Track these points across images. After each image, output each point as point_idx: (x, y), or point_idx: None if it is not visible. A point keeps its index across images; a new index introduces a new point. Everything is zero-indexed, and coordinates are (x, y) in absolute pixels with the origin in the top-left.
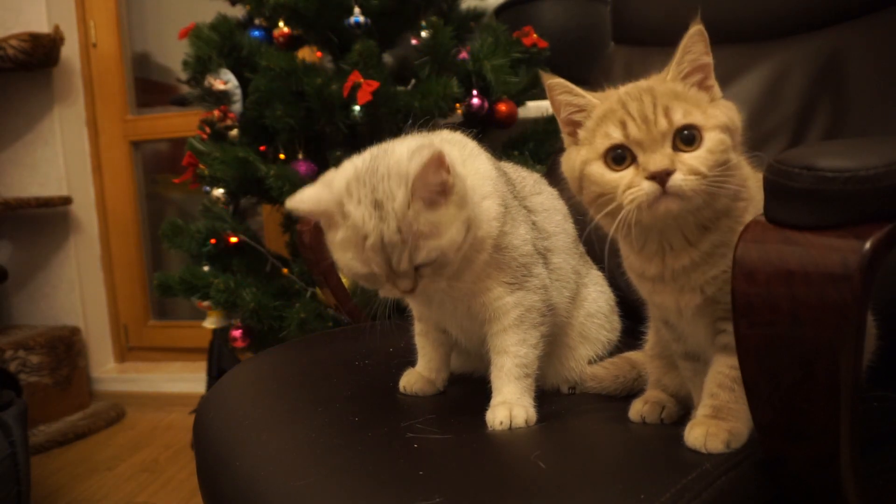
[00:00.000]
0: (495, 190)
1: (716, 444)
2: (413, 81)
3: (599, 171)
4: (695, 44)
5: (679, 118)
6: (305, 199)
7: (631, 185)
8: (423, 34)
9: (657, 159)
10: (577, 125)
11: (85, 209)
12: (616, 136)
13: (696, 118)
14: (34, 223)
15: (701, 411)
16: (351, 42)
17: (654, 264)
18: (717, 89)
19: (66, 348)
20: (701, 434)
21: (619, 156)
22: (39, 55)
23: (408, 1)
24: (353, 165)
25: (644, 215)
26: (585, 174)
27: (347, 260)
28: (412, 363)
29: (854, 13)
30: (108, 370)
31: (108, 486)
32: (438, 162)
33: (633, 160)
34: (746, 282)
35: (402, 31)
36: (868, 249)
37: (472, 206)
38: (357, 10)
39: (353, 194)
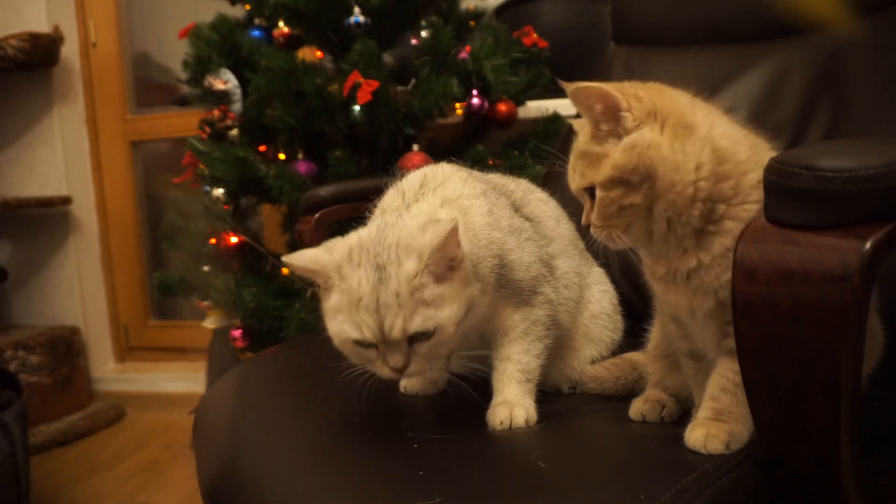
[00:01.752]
0: (490, 241)
1: (716, 445)
2: (413, 81)
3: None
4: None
5: None
6: (303, 257)
7: None
8: (423, 34)
9: None
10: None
11: (85, 209)
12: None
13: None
14: (34, 223)
15: (702, 413)
16: (351, 42)
17: (661, 265)
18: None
19: (65, 348)
20: (701, 435)
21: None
22: (39, 55)
23: (408, 1)
24: (359, 235)
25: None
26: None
27: (338, 324)
28: None
29: (854, 13)
30: (108, 370)
31: (108, 486)
32: (455, 234)
33: None
34: (746, 282)
35: (402, 31)
36: (868, 249)
37: (475, 285)
38: (357, 9)
39: (354, 259)
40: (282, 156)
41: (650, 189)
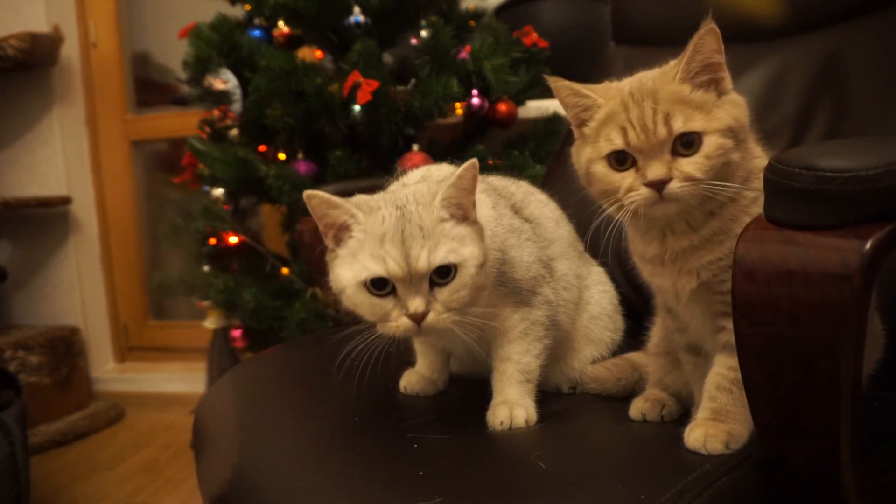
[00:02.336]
0: (494, 234)
1: (715, 446)
2: (413, 81)
3: (603, 170)
4: (706, 43)
5: (679, 125)
6: (323, 193)
7: (631, 188)
8: (423, 34)
9: (655, 168)
10: (584, 121)
11: (85, 209)
12: (617, 142)
13: (697, 124)
14: (34, 223)
15: (701, 414)
16: (351, 42)
17: (653, 246)
18: (727, 82)
19: (65, 348)
20: (700, 435)
21: (621, 158)
22: (39, 55)
23: (408, 1)
24: (377, 193)
25: (644, 213)
26: (591, 172)
27: (357, 265)
28: (412, 363)
29: (854, 13)
30: (107, 370)
31: (108, 486)
32: (474, 170)
33: (635, 163)
34: (746, 282)
35: (402, 31)
36: (868, 249)
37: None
38: (357, 9)
39: (374, 203)
40: (282, 156)
41: (740, 150)
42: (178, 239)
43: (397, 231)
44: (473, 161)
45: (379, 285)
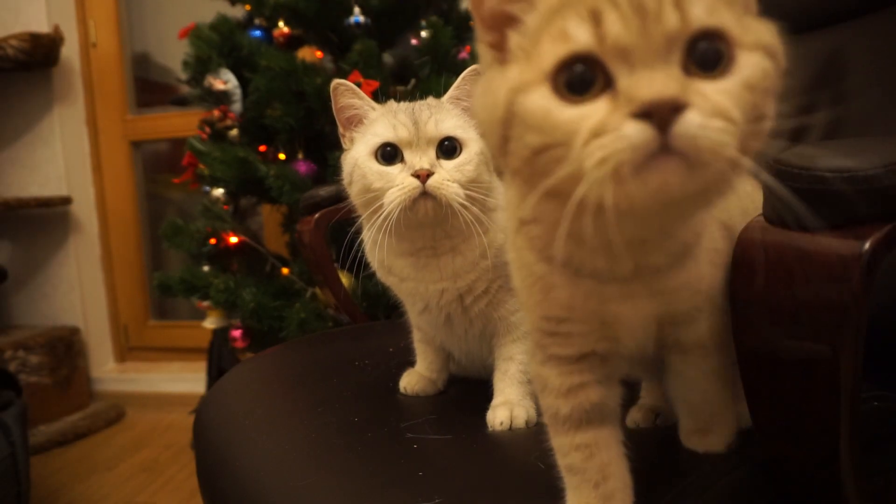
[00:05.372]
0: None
1: (717, 447)
2: (413, 81)
3: (545, 103)
4: None
5: (700, 15)
6: (349, 83)
7: (601, 129)
8: (423, 34)
9: (656, 81)
10: (510, 19)
11: (85, 209)
12: (581, 37)
13: (727, 21)
14: (34, 223)
15: (688, 427)
16: (351, 42)
17: (623, 263)
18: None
19: (65, 348)
20: (699, 442)
21: (583, 78)
22: (39, 55)
23: (408, 1)
24: None
25: (629, 189)
26: (518, 111)
27: (368, 138)
28: (412, 363)
29: (854, 13)
30: (107, 370)
31: (108, 486)
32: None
33: (609, 85)
34: (746, 283)
35: (402, 31)
36: (868, 249)
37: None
38: (357, 9)
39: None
40: (282, 156)
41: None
42: (178, 239)
43: (408, 107)
44: (474, 66)
45: (388, 155)
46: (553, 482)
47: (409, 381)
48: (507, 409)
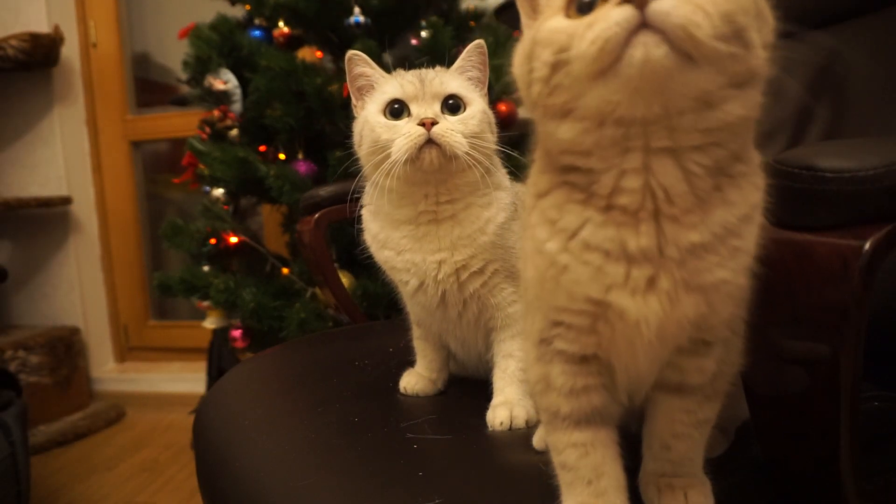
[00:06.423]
0: (512, 186)
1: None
2: None
3: (556, 24)
4: None
5: None
6: (363, 54)
7: (595, 21)
8: (423, 34)
9: None
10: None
11: (85, 209)
12: None
13: None
14: (34, 223)
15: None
16: (351, 42)
17: (644, 233)
18: None
19: (65, 348)
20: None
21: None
22: (39, 55)
23: (408, 1)
24: None
25: (620, 67)
26: (538, 38)
27: (377, 97)
28: (412, 363)
29: (854, 13)
30: (107, 370)
31: (108, 486)
32: (482, 48)
33: None
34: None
35: (402, 31)
36: (868, 250)
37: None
38: (357, 9)
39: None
40: (282, 156)
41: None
42: (178, 239)
43: (416, 73)
44: (479, 41)
45: (395, 111)
46: (553, 482)
47: (409, 381)
48: (506, 408)
